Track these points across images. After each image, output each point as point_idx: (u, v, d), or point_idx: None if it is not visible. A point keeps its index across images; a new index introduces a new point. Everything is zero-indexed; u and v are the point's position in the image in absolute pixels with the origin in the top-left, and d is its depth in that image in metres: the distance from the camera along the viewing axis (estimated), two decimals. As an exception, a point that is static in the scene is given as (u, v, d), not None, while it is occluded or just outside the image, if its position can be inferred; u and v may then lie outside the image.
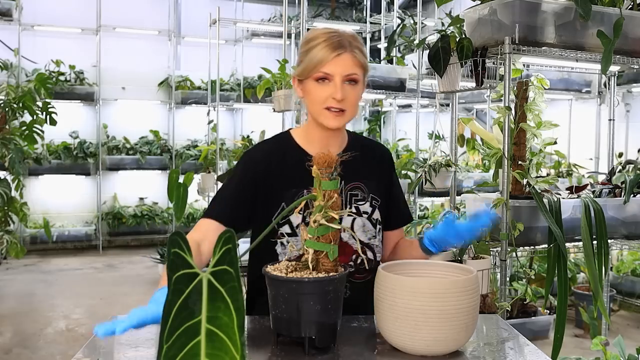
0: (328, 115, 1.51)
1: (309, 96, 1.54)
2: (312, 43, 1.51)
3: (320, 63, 1.48)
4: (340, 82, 1.48)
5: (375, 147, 1.72)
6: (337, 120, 1.51)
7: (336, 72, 1.48)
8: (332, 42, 1.48)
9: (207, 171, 6.37)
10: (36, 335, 4.43)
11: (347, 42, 1.49)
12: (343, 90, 1.48)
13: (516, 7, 2.52)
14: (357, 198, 1.59)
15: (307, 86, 1.53)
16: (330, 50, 1.47)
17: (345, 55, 1.48)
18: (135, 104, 8.39)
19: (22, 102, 4.92)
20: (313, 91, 1.51)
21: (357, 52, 1.51)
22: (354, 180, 1.59)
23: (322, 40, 1.49)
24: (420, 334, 1.23)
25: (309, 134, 1.61)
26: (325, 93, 1.49)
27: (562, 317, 2.48)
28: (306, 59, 1.51)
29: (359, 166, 1.59)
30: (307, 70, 1.50)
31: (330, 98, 1.49)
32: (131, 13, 8.26)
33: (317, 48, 1.49)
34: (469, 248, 2.56)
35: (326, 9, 9.35)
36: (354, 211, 1.58)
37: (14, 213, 4.87)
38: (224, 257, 0.77)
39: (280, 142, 1.64)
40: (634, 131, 5.97)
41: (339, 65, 1.48)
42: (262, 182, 1.56)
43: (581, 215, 2.59)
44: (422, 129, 5.20)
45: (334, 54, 1.47)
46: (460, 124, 3.61)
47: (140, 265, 6.91)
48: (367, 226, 1.59)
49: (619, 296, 4.81)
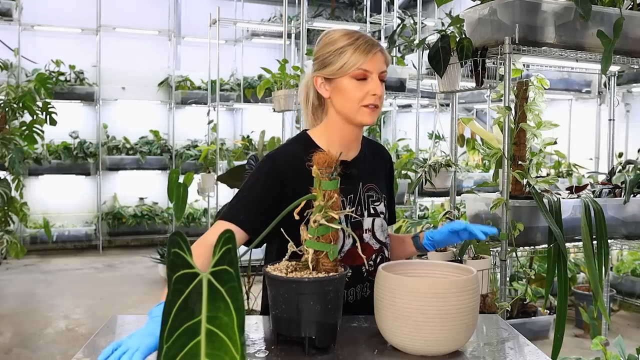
0: (365, 111, 1.53)
1: (342, 94, 1.53)
2: (342, 43, 1.52)
3: (358, 62, 1.51)
4: (377, 79, 1.53)
5: (380, 148, 1.77)
6: (373, 116, 1.55)
7: (374, 69, 1.52)
8: (367, 41, 1.53)
9: (207, 171, 6.37)
10: (36, 335, 4.43)
11: (376, 43, 1.56)
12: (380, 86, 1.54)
13: (516, 7, 2.52)
14: (372, 199, 1.62)
15: (340, 84, 1.53)
16: (367, 50, 1.52)
17: (379, 53, 1.54)
18: (135, 104, 8.39)
19: (22, 102, 4.92)
20: (350, 89, 1.52)
21: (385, 51, 1.58)
22: (369, 181, 1.63)
23: (353, 40, 1.52)
24: (420, 334, 1.23)
25: (331, 135, 1.59)
26: (364, 90, 1.52)
27: (562, 317, 2.48)
28: (341, 58, 1.52)
29: (371, 168, 1.65)
30: (345, 69, 1.51)
31: (369, 95, 1.52)
32: (131, 13, 8.26)
33: (353, 46, 1.51)
34: (469, 248, 2.56)
35: (326, 9, 9.35)
36: (372, 212, 1.62)
37: (14, 213, 4.87)
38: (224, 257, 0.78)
39: (301, 144, 1.59)
40: (634, 131, 5.97)
41: (375, 62, 1.52)
42: (288, 185, 1.51)
43: (581, 215, 2.59)
44: (422, 129, 5.21)
45: (372, 52, 1.52)
46: (460, 124, 3.61)
47: (140, 265, 6.91)
48: (384, 226, 1.64)
49: (619, 296, 4.81)
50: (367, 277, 1.58)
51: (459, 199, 3.68)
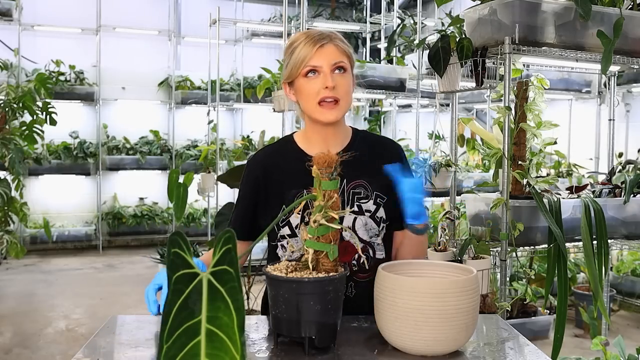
0: (322, 109, 1.51)
1: (301, 94, 1.54)
2: (294, 45, 1.54)
3: (306, 57, 1.50)
4: (329, 72, 1.50)
5: (385, 144, 1.69)
6: (333, 112, 1.52)
7: (323, 63, 1.50)
8: (313, 37, 1.52)
9: (207, 171, 6.37)
10: (36, 335, 4.43)
11: (327, 35, 1.53)
12: (333, 79, 1.50)
13: (516, 7, 2.52)
14: (359, 196, 1.58)
15: (297, 85, 1.54)
16: (313, 43, 1.50)
17: (329, 45, 1.51)
18: (135, 104, 8.39)
19: (22, 102, 4.92)
20: (304, 87, 1.52)
21: (339, 42, 1.54)
22: (357, 178, 1.58)
23: (303, 38, 1.53)
24: (420, 334, 1.23)
25: (308, 135, 1.62)
26: (316, 86, 1.50)
27: (562, 317, 2.48)
28: (291, 59, 1.53)
29: (363, 164, 1.58)
30: (295, 68, 1.52)
31: (322, 89, 1.50)
32: (131, 13, 8.26)
33: (300, 46, 1.52)
34: (469, 248, 2.56)
35: (326, 9, 9.35)
36: (355, 210, 1.57)
37: (14, 213, 4.88)
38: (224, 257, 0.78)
39: (281, 145, 1.67)
40: (634, 131, 5.97)
41: (324, 55, 1.50)
42: (262, 186, 1.59)
43: (581, 215, 2.59)
44: (422, 129, 5.20)
45: (317, 46, 1.50)
46: (460, 124, 3.61)
47: (140, 265, 6.91)
48: (369, 224, 1.58)
49: (619, 296, 4.81)
50: (352, 277, 1.55)
51: (459, 199, 3.67)
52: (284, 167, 1.59)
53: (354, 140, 1.64)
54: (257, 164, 1.63)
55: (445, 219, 2.69)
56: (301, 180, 1.49)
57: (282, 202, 1.55)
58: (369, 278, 1.54)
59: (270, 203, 1.58)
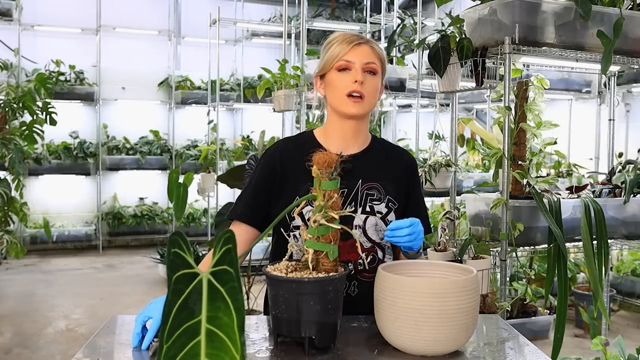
0: (349, 102, 1.57)
1: (330, 87, 1.60)
2: (332, 42, 1.62)
3: (340, 53, 1.58)
4: (361, 69, 1.57)
5: (401, 154, 1.75)
6: (357, 107, 1.57)
7: (356, 60, 1.57)
8: (351, 36, 1.60)
9: (207, 171, 6.37)
10: (36, 335, 4.43)
11: (363, 37, 1.61)
12: (363, 76, 1.57)
13: (516, 7, 2.52)
14: (372, 198, 1.61)
15: (328, 78, 1.61)
16: (349, 41, 1.58)
17: (364, 46, 1.59)
18: (135, 104, 8.39)
19: (22, 102, 4.92)
20: (335, 81, 1.59)
21: (374, 45, 1.62)
22: (372, 180, 1.62)
23: (341, 37, 1.61)
24: (420, 334, 1.23)
25: (328, 131, 1.66)
26: (347, 80, 1.57)
27: (562, 317, 2.48)
28: (327, 54, 1.60)
29: (379, 168, 1.64)
30: (329, 62, 1.59)
31: (351, 83, 1.56)
32: (131, 13, 8.26)
33: (337, 42, 1.60)
34: (469, 248, 2.56)
35: (326, 9, 9.35)
36: (368, 210, 1.60)
37: (14, 213, 4.87)
38: (224, 257, 0.77)
39: (300, 139, 1.71)
40: (634, 131, 5.97)
41: (357, 54, 1.58)
42: (278, 176, 1.62)
43: (581, 215, 2.59)
44: (422, 129, 5.20)
45: (353, 44, 1.58)
46: (460, 124, 3.61)
47: (140, 265, 6.91)
48: (379, 225, 1.60)
49: (619, 296, 4.81)
50: (356, 275, 1.57)
51: (459, 199, 3.67)
52: (301, 160, 1.60)
53: (373, 144, 1.69)
54: (276, 154, 1.65)
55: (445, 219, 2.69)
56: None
57: (296, 193, 1.58)
58: (373, 279, 1.54)
59: (284, 193, 1.60)
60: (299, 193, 1.57)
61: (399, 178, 1.67)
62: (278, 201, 1.60)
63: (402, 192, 1.66)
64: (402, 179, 1.67)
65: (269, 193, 1.62)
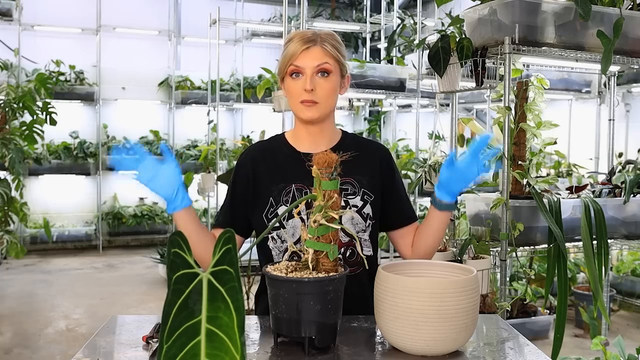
0: (302, 108, 1.58)
1: (287, 93, 1.62)
2: (288, 43, 1.60)
3: (291, 57, 1.56)
4: (311, 74, 1.55)
5: (372, 147, 1.74)
6: (310, 112, 1.57)
7: (306, 65, 1.55)
8: (303, 38, 1.57)
9: (207, 171, 6.37)
10: (36, 335, 4.43)
11: (317, 37, 1.57)
12: (313, 82, 1.55)
13: (516, 7, 2.52)
14: (347, 192, 1.62)
15: (285, 84, 1.62)
16: (300, 44, 1.56)
17: (315, 48, 1.56)
18: (135, 104, 8.39)
19: (22, 102, 4.91)
20: (289, 86, 1.59)
21: (327, 45, 1.57)
22: (345, 176, 1.60)
23: (295, 37, 1.58)
24: (420, 334, 1.23)
25: (296, 132, 1.68)
26: (298, 87, 1.57)
27: (562, 317, 2.48)
28: (282, 56, 1.60)
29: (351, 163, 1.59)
30: (283, 67, 1.59)
31: (302, 90, 1.56)
32: (131, 13, 8.26)
33: (291, 44, 1.58)
34: (469, 248, 2.56)
35: (326, 9, 9.35)
36: (342, 204, 1.59)
37: (14, 213, 4.87)
38: (223, 257, 0.78)
39: (271, 141, 1.73)
40: (634, 131, 5.97)
41: (307, 58, 1.55)
42: (252, 179, 1.64)
43: (581, 215, 2.59)
44: (422, 129, 5.20)
45: (303, 48, 1.55)
46: (460, 124, 3.61)
47: (140, 265, 6.91)
48: (355, 219, 1.62)
49: (619, 296, 4.81)
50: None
51: (459, 199, 3.67)
52: (273, 161, 1.65)
53: (344, 140, 1.69)
54: (246, 162, 1.67)
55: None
56: (289, 174, 1.59)
57: (269, 195, 1.60)
58: (352, 273, 1.54)
59: (259, 196, 1.62)
60: (272, 194, 1.60)
61: (372, 170, 1.66)
62: (255, 204, 1.63)
63: (377, 183, 1.66)
64: (376, 171, 1.67)
65: (245, 204, 1.65)
